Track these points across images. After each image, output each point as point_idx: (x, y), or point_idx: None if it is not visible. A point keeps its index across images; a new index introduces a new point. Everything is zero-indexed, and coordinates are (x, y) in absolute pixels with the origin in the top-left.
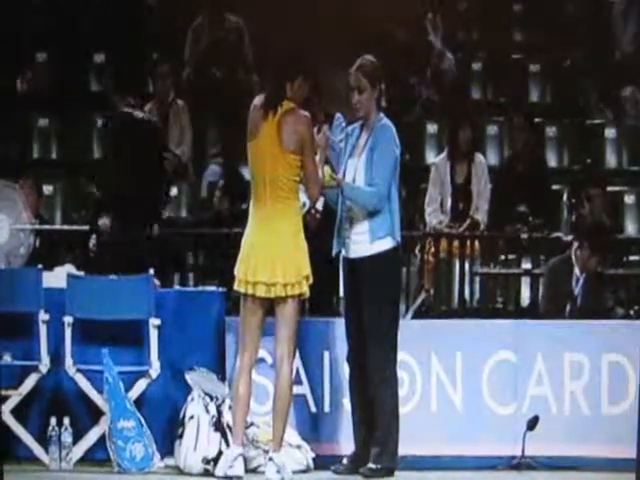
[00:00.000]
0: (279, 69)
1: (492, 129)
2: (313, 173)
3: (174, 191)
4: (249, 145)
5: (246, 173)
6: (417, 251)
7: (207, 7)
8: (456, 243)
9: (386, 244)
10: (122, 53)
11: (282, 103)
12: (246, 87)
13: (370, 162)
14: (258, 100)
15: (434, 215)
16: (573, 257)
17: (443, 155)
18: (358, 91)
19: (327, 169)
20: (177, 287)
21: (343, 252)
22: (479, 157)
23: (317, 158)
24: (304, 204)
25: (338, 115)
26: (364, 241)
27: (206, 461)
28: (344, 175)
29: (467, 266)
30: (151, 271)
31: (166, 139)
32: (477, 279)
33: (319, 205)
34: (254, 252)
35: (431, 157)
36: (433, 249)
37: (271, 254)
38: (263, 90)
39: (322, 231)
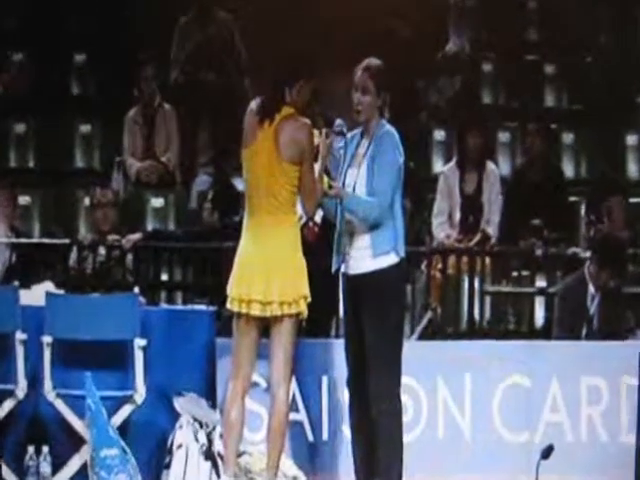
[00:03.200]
0: (278, 72)
1: (504, 136)
2: (311, 185)
3: (160, 202)
4: (244, 152)
5: (239, 183)
6: (423, 267)
7: (196, 3)
8: (465, 259)
9: (389, 260)
10: (105, 53)
11: (280, 109)
12: (239, 90)
13: (371, 171)
14: (255, 104)
15: (442, 228)
16: (587, 273)
17: (451, 164)
18: (362, 92)
19: (324, 177)
20: (164, 306)
21: (343, 268)
22: (490, 166)
23: (317, 167)
24: (300, 217)
25: (338, 121)
26: (365, 256)
27: None
28: (343, 186)
29: (477, 284)
30: (136, 289)
31: (153, 146)
32: (487, 298)
33: (317, 218)
34: (248, 268)
35: (438, 166)
36: (440, 265)
37: (267, 270)
38: (260, 93)
39: (320, 246)
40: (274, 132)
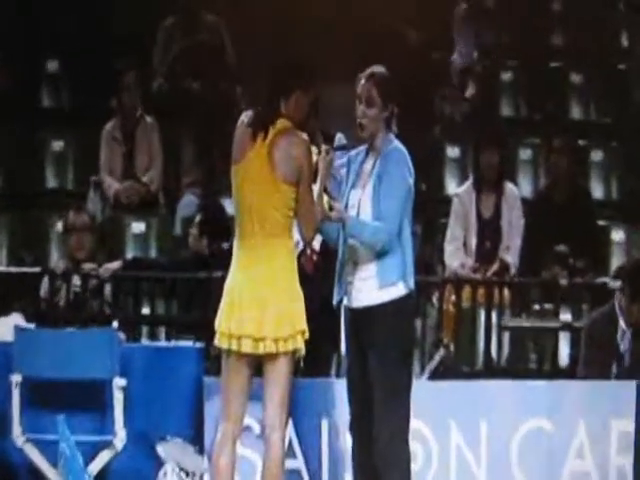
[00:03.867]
0: (273, 81)
1: (525, 153)
2: (309, 207)
3: (141, 226)
4: (234, 171)
5: (229, 205)
6: (435, 299)
7: (181, 4)
8: (481, 290)
9: (397, 291)
10: (79, 60)
11: (275, 122)
12: (229, 101)
13: (377, 192)
14: (246, 116)
15: (455, 256)
16: (617, 306)
17: (467, 184)
18: (366, 104)
19: (324, 198)
20: (146, 342)
21: (345, 301)
22: (510, 187)
23: (316, 187)
24: (297, 243)
25: (339, 135)
26: (370, 288)
27: None
28: (346, 208)
29: (494, 318)
30: (115, 323)
31: (133, 164)
32: (506, 333)
33: (316, 244)
34: (239, 300)
35: (452, 186)
36: (454, 297)
37: (260, 303)
38: (252, 104)
39: (319, 275)
40: (268, 148)
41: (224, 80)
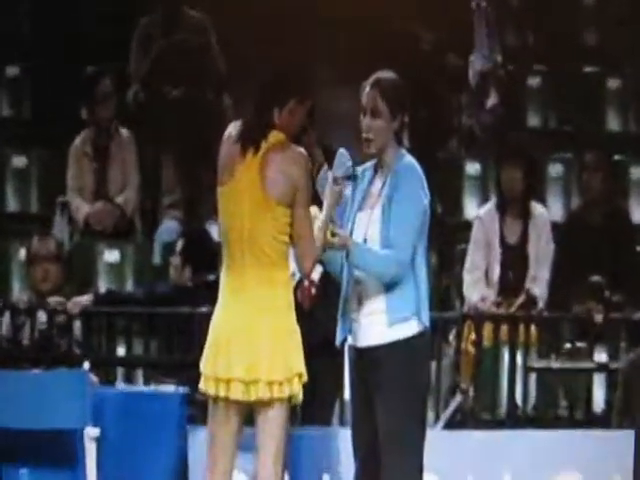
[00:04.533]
0: (265, 88)
1: (555, 169)
2: (307, 234)
3: (115, 255)
4: (220, 191)
5: (215, 231)
6: (452, 338)
7: (160, 0)
8: (505, 327)
9: (409, 328)
10: (43, 65)
11: (267, 134)
12: (215, 110)
13: (387, 216)
14: (234, 128)
15: (476, 288)
16: None
17: (489, 206)
18: (372, 115)
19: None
20: (121, 386)
21: (350, 340)
22: (538, 208)
23: (321, 216)
24: (293, 274)
25: (341, 150)
26: (379, 324)
27: None
28: (351, 234)
29: (520, 358)
30: (86, 364)
31: (106, 183)
32: (533, 376)
33: (315, 275)
34: (227, 339)
35: (472, 208)
36: (474, 335)
37: (251, 342)
38: (241, 115)
39: (319, 311)
40: (259, 164)
41: (210, 87)
